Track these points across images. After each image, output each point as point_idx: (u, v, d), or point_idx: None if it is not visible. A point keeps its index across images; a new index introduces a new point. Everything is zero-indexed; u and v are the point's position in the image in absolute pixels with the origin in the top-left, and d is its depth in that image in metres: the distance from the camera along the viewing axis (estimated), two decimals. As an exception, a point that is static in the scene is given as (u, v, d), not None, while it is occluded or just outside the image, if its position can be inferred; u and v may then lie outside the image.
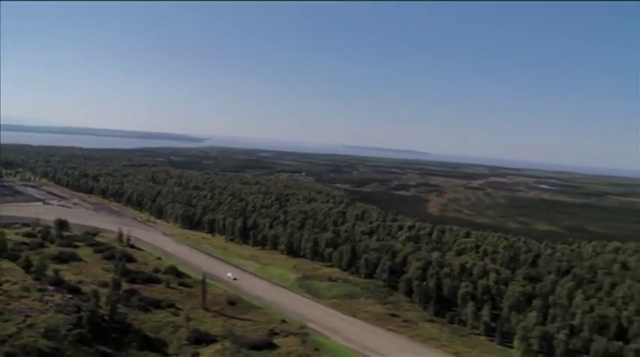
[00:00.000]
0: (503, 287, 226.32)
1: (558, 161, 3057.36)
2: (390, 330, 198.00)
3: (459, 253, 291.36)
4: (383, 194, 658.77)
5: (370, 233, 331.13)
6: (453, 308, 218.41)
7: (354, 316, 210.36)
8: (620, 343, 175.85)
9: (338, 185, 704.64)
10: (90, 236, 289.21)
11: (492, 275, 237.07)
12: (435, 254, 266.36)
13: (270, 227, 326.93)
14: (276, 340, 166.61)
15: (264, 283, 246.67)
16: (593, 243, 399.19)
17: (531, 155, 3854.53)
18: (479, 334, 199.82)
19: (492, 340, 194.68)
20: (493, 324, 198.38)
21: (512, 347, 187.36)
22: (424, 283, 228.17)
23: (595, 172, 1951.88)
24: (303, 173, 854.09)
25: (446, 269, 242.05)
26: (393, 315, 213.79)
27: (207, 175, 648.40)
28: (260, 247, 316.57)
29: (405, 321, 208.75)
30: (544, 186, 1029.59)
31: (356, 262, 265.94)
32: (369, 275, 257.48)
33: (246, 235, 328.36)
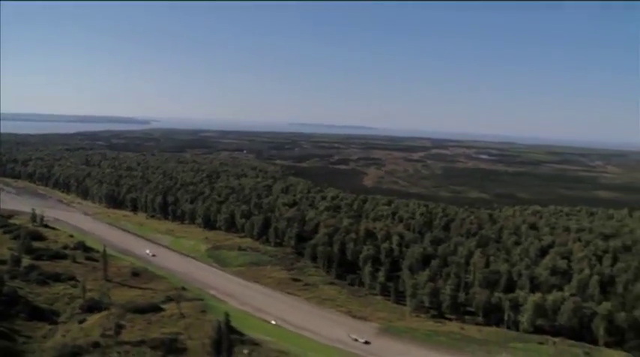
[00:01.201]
0: (405, 249, 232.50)
1: (505, 132, 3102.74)
2: (288, 293, 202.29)
3: (375, 220, 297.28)
4: (321, 169, 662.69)
5: (292, 205, 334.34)
6: (357, 272, 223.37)
7: (256, 282, 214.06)
8: (501, 294, 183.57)
9: (277, 161, 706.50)
10: (3, 218, 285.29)
11: (395, 238, 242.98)
12: (346, 221, 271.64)
13: (191, 202, 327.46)
14: (167, 306, 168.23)
15: (174, 255, 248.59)
16: (515, 207, 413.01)
17: (478, 127, 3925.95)
18: (375, 294, 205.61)
19: (389, 299, 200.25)
20: (390, 284, 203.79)
21: (405, 305, 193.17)
22: (329, 248, 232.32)
23: (539, 142, 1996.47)
24: (244, 151, 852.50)
25: (352, 235, 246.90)
26: (296, 280, 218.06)
27: (143, 157, 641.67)
28: (179, 222, 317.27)
29: (307, 285, 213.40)
30: (484, 156, 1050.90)
31: (267, 231, 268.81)
32: (279, 244, 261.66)
33: (166, 211, 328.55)
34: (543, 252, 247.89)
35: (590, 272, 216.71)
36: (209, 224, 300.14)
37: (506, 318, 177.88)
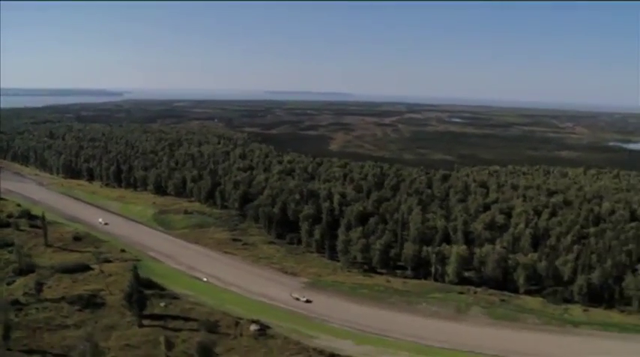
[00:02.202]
0: (345, 208, 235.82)
1: (485, 96, 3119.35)
2: (226, 253, 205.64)
3: (326, 182, 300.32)
4: (289, 135, 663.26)
5: (247, 169, 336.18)
6: (298, 231, 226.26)
7: (197, 243, 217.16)
8: (429, 248, 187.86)
9: (246, 129, 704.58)
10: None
11: (337, 198, 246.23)
12: (292, 183, 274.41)
13: (145, 170, 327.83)
14: (98, 266, 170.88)
15: (121, 221, 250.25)
16: (474, 168, 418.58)
17: (458, 92, 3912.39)
18: (312, 252, 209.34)
19: (325, 256, 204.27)
20: (327, 242, 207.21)
21: (340, 261, 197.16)
22: (271, 208, 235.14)
23: (517, 105, 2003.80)
24: (216, 120, 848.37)
25: (296, 195, 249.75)
26: (236, 240, 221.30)
27: (109, 128, 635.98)
28: (132, 189, 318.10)
29: (246, 244, 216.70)
30: (456, 120, 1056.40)
31: (215, 195, 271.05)
32: (225, 207, 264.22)
33: (119, 178, 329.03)
34: (486, 208, 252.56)
35: (524, 226, 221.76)
36: (160, 190, 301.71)
37: (433, 271, 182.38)
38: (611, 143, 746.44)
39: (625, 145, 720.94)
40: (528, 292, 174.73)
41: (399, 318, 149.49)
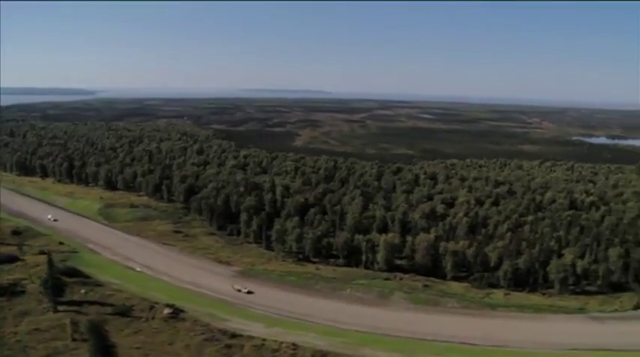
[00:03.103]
0: (286, 200, 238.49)
1: (461, 93, 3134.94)
2: (165, 244, 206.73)
3: (277, 175, 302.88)
4: (255, 132, 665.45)
5: (202, 164, 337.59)
6: (239, 222, 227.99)
7: (138, 235, 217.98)
8: (361, 236, 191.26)
9: (213, 126, 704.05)
10: None
11: (279, 190, 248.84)
12: (240, 176, 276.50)
13: (97, 165, 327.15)
14: (30, 257, 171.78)
15: (66, 215, 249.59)
16: (432, 161, 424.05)
17: (433, 89, 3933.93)
18: (250, 242, 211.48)
19: (262, 247, 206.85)
20: (267, 233, 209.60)
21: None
22: (214, 201, 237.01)
23: (491, 101, 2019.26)
24: (185, 117, 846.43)
25: (240, 188, 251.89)
26: (177, 232, 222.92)
27: (73, 126, 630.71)
28: (84, 185, 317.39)
29: (187, 236, 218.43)
30: (426, 116, 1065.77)
31: (162, 189, 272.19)
32: (172, 200, 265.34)
33: (71, 175, 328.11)
34: (429, 199, 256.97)
35: (463, 215, 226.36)
36: (111, 185, 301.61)
37: (364, 258, 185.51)
38: (574, 137, 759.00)
39: (587, 139, 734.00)
40: (457, 279, 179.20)
41: (321, 304, 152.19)
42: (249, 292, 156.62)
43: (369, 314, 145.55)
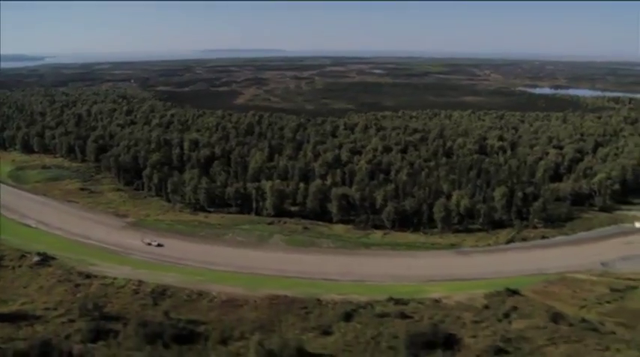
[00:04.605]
0: (192, 153, 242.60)
1: (423, 48, 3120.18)
2: (69, 201, 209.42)
3: (197, 131, 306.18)
4: (199, 92, 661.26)
5: (127, 125, 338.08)
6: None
7: (44, 194, 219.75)
8: (250, 185, 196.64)
9: (160, 88, 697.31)
10: None
11: (187, 144, 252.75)
12: (154, 133, 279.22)
13: (17, 129, 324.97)
14: None
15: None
16: (367, 114, 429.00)
17: (392, 45, 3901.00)
18: (153, 196, 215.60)
19: (164, 199, 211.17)
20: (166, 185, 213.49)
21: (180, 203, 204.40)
22: (122, 158, 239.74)
23: (450, 56, 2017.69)
24: (132, 80, 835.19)
25: (152, 145, 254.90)
26: (84, 189, 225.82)
27: (9, 93, 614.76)
28: (2, 150, 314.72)
29: (93, 193, 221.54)
30: (377, 71, 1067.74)
31: (75, 149, 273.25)
32: (86, 160, 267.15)
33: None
34: (340, 148, 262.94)
35: (365, 162, 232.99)
36: (28, 149, 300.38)
37: (254, 205, 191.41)
38: (519, 88, 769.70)
39: (530, 90, 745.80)
40: (344, 222, 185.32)
41: (202, 248, 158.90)
42: (158, 245, 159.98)
43: (243, 255, 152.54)
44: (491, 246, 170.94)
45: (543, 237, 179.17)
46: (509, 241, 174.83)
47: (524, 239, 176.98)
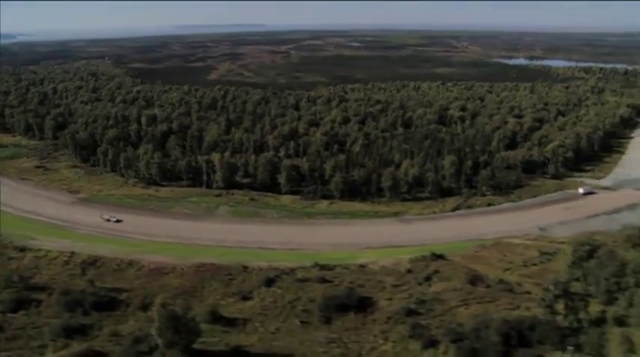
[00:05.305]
0: (149, 129, 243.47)
1: (402, 21, 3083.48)
2: (23, 179, 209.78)
3: (160, 107, 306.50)
4: (174, 68, 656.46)
5: (92, 102, 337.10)
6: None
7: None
8: (201, 158, 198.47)
9: (134, 65, 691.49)
10: None
11: (144, 119, 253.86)
12: (119, 108, 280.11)
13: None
14: None
15: None
16: (336, 87, 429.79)
17: (374, 18, 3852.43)
18: (108, 172, 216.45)
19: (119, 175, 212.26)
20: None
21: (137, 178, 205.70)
22: (80, 134, 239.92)
23: (432, 28, 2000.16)
24: (106, 58, 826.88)
25: (110, 121, 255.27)
26: (40, 167, 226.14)
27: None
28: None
29: (48, 170, 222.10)
30: (355, 44, 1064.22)
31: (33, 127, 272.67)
32: (44, 138, 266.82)
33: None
34: (298, 120, 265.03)
35: (321, 134, 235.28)
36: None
37: (205, 178, 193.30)
38: (494, 59, 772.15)
39: (505, 61, 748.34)
40: (294, 193, 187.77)
41: (147, 220, 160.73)
42: (117, 221, 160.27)
43: (186, 227, 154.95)
44: (436, 214, 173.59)
45: (489, 204, 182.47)
46: (455, 209, 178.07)
47: (470, 207, 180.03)
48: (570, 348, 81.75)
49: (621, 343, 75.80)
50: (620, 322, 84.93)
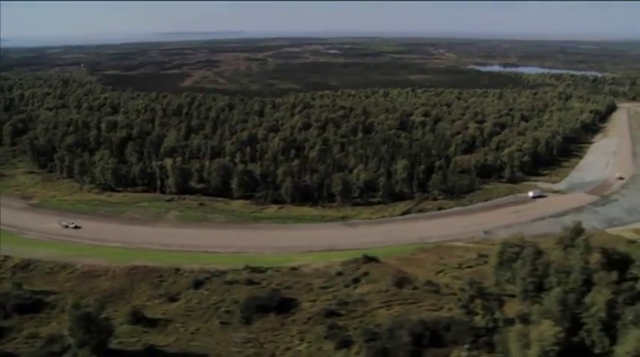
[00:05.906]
0: (107, 135, 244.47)
1: (384, 29, 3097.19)
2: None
3: (125, 113, 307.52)
4: (148, 75, 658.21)
5: (58, 108, 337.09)
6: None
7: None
8: (155, 163, 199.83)
9: (109, 72, 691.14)
10: None
11: (104, 125, 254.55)
12: (83, 114, 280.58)
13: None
14: None
15: None
16: (307, 93, 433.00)
17: (356, 26, 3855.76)
18: (65, 178, 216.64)
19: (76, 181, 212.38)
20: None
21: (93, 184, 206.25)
22: (38, 140, 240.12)
23: (411, 36, 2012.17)
24: (82, 64, 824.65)
25: (70, 128, 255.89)
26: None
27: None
28: None
29: (3, 176, 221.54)
30: (333, 51, 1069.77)
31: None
32: (2, 144, 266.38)
33: None
34: (260, 126, 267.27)
35: (279, 139, 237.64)
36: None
37: (159, 183, 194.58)
38: (469, 66, 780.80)
39: (479, 68, 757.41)
40: (246, 198, 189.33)
41: (97, 225, 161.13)
42: (76, 227, 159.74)
43: (133, 232, 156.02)
44: (384, 218, 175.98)
45: (440, 208, 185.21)
46: (405, 213, 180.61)
47: (421, 210, 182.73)
48: (466, 346, 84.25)
49: (518, 339, 78.24)
50: (525, 320, 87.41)
